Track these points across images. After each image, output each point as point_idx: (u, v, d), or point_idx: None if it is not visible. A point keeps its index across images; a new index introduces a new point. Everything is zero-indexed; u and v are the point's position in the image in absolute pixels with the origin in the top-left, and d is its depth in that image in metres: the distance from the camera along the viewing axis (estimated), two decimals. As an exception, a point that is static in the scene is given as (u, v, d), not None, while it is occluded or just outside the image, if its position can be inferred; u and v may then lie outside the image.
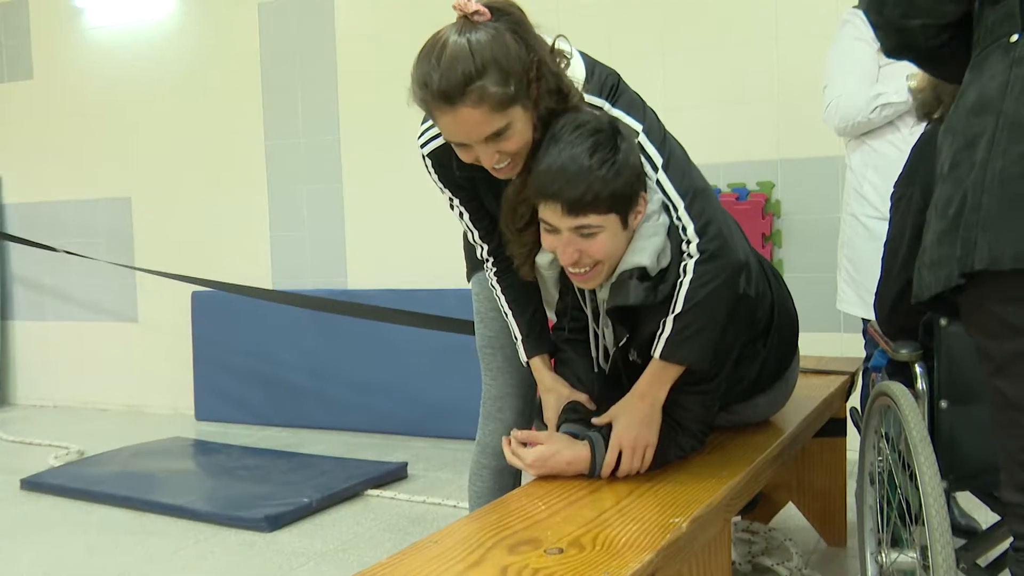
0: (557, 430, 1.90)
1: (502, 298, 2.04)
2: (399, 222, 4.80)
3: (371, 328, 4.63)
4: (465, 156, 1.76)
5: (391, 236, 4.85)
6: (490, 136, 1.67)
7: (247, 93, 5.13)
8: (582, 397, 1.93)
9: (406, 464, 3.96)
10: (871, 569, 2.12)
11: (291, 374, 4.97)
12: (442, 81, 1.63)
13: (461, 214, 2.02)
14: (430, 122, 1.90)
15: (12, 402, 5.97)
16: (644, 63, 4.12)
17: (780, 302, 2.09)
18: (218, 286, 4.50)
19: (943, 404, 1.81)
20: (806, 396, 2.68)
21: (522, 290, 2.00)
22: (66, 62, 5.64)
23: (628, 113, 1.79)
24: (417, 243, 4.73)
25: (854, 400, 3.06)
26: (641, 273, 1.74)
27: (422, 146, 1.96)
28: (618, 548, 1.48)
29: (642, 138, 1.77)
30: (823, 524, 3.03)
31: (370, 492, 3.70)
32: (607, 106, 1.79)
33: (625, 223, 1.70)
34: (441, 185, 1.99)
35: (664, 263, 1.75)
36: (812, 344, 3.81)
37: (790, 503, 3.06)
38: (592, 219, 1.65)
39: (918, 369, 1.87)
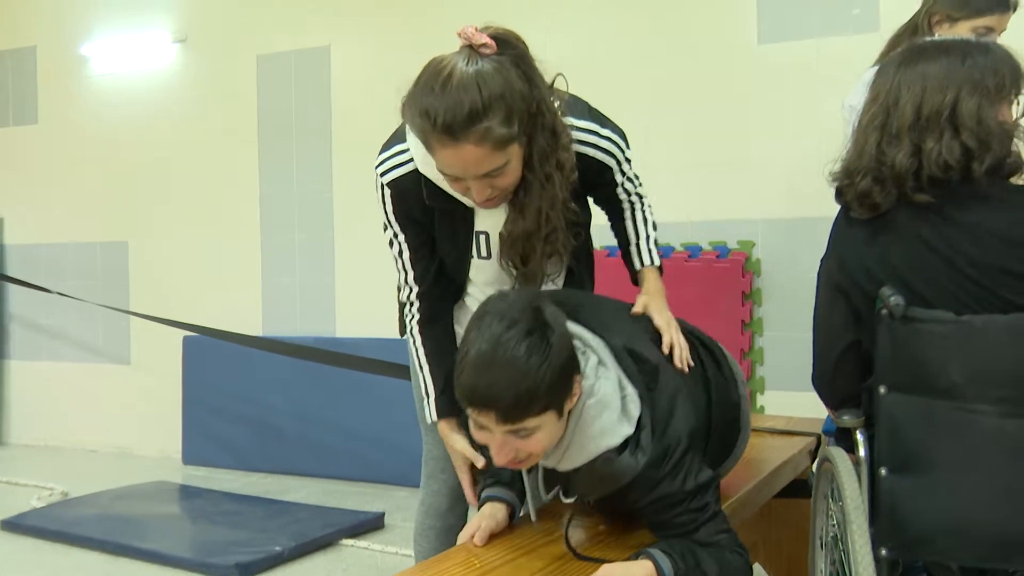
0: (478, 498, 1.89)
1: (420, 349, 1.99)
2: (388, 273, 4.85)
3: (359, 376, 4.67)
4: (456, 187, 1.75)
5: (379, 286, 4.88)
6: (488, 172, 1.67)
7: (243, 142, 5.23)
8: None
9: (383, 514, 3.97)
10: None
11: (278, 420, 5.00)
12: (447, 115, 1.61)
13: (401, 252, 1.98)
14: (395, 150, 1.88)
15: (5, 441, 6.01)
16: (629, 122, 4.17)
17: (718, 401, 1.95)
18: (207, 332, 4.56)
19: (883, 471, 1.82)
20: (768, 457, 2.70)
21: (443, 343, 1.99)
22: (70, 108, 5.76)
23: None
24: (405, 293, 4.78)
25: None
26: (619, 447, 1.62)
27: (382, 175, 1.91)
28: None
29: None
30: (789, 585, 3.02)
31: (345, 541, 3.71)
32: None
33: (561, 413, 1.57)
34: (392, 218, 1.95)
35: (635, 412, 1.65)
36: (785, 403, 3.84)
37: (757, 563, 3.06)
38: (528, 423, 1.52)
39: (859, 436, 1.90)
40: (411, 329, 2.03)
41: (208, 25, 5.34)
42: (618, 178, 2.10)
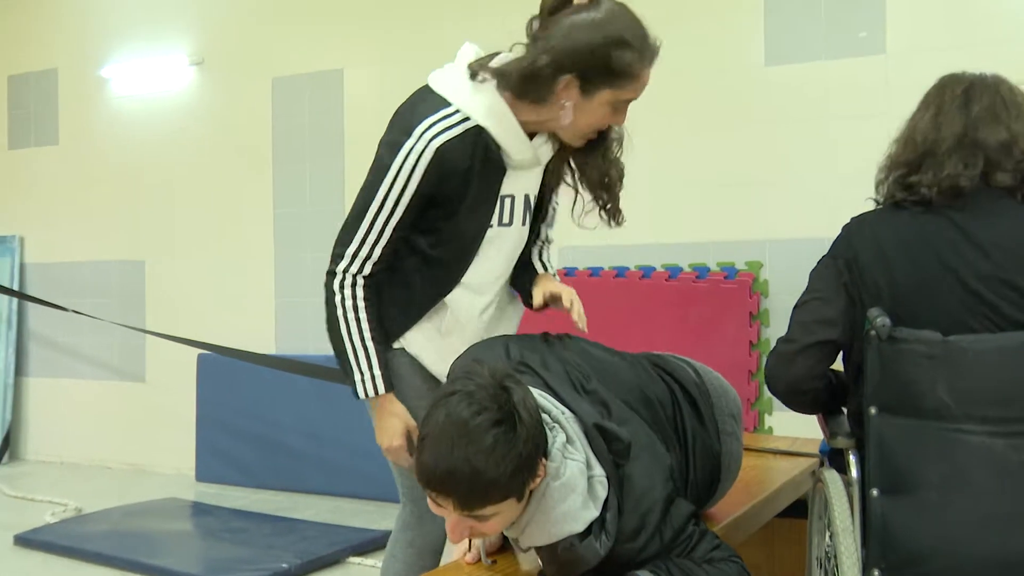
0: None
1: (364, 323, 1.97)
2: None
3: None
4: (618, 119, 1.99)
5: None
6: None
7: (258, 163, 5.30)
8: None
9: (390, 533, 3.97)
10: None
11: (290, 438, 5.03)
12: (655, 47, 1.97)
13: (384, 228, 1.95)
14: (443, 113, 1.93)
15: (22, 457, 6.08)
16: (635, 142, 4.21)
17: (698, 452, 1.91)
18: (220, 351, 4.61)
19: (874, 492, 1.82)
20: (769, 478, 2.71)
21: (382, 320, 2.01)
22: (90, 129, 5.85)
23: None
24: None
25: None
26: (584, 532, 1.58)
27: (433, 137, 1.91)
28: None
29: None
30: (793, 607, 3.02)
31: (352, 559, 3.73)
32: None
33: (522, 497, 1.53)
34: (410, 189, 1.92)
35: (602, 494, 1.60)
36: (794, 424, 3.82)
37: (761, 585, 3.06)
38: (488, 510, 1.49)
39: (851, 457, 1.90)
40: (354, 302, 2.00)
41: (224, 48, 5.43)
42: None
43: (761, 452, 3.14)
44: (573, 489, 1.56)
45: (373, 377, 2.03)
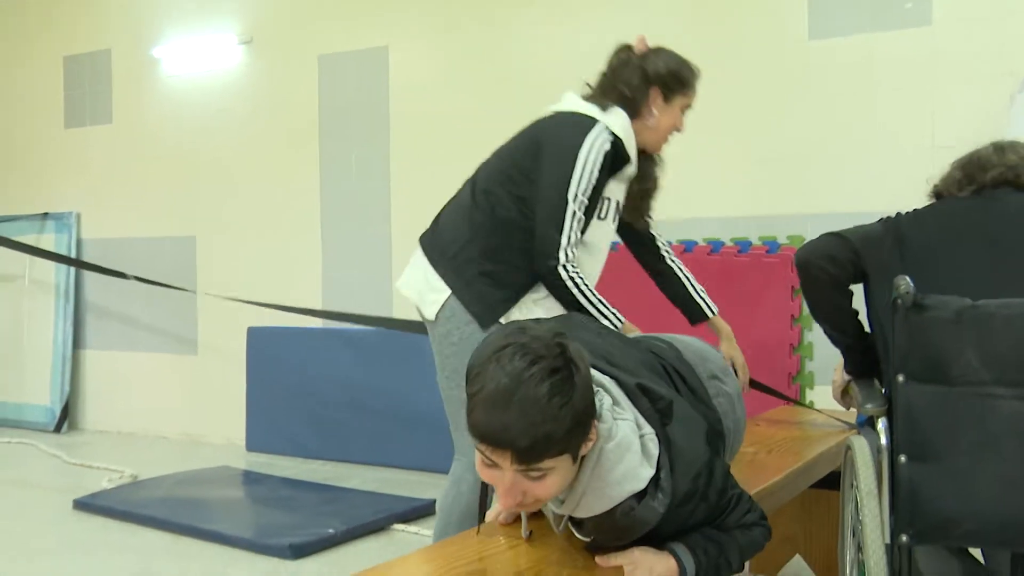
0: None
1: (591, 291, 2.46)
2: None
3: (415, 366, 4.79)
4: (681, 123, 2.62)
5: (434, 279, 5.01)
6: None
7: (305, 140, 5.39)
8: None
9: (434, 501, 4.05)
10: (845, 620, 2.15)
11: (337, 409, 5.14)
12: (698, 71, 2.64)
13: (578, 219, 2.41)
14: (599, 128, 2.46)
15: (80, 427, 6.28)
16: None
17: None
18: (271, 306, 4.80)
19: (902, 459, 1.84)
20: (806, 448, 2.73)
21: None
22: (143, 108, 5.99)
23: None
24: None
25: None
26: (639, 493, 1.58)
27: (606, 142, 2.44)
28: (559, 583, 1.57)
29: None
30: (829, 577, 3.04)
31: (396, 527, 3.82)
32: None
33: (575, 458, 1.51)
34: (594, 183, 2.42)
35: (655, 452, 1.60)
36: (831, 398, 3.84)
37: (797, 555, 3.09)
38: (545, 464, 1.46)
39: (880, 424, 1.92)
40: (581, 280, 2.43)
41: (272, 26, 5.52)
42: None
43: (799, 423, 3.17)
44: (628, 448, 1.56)
45: (618, 318, 2.45)
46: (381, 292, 5.21)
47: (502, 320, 2.46)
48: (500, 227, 2.49)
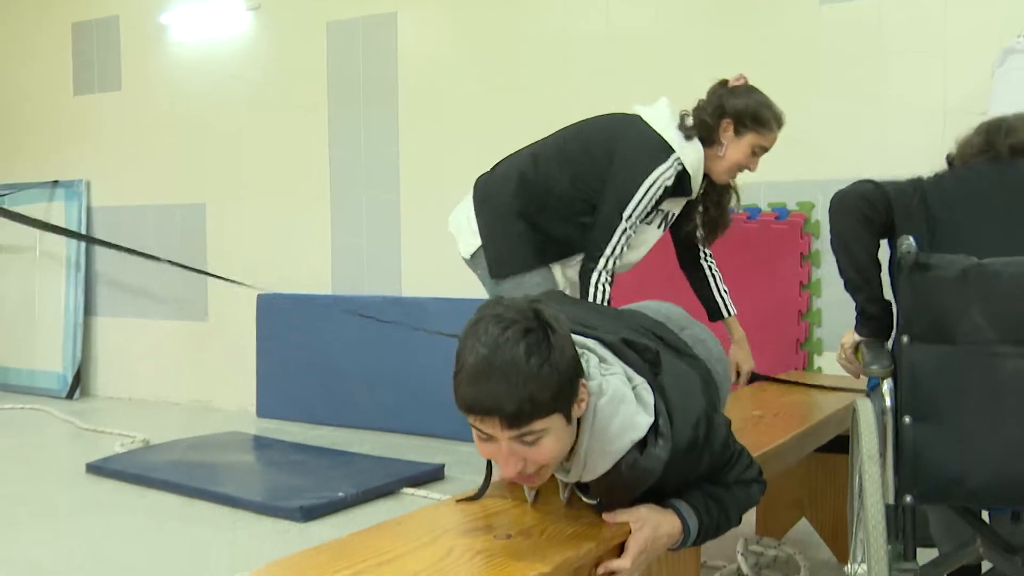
0: None
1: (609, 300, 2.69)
2: (449, 235, 4.96)
3: (424, 335, 4.81)
4: (753, 163, 2.81)
5: (442, 248, 5.00)
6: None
7: (314, 107, 5.38)
8: None
9: (443, 466, 4.10)
10: (849, 579, 2.17)
11: (345, 376, 5.17)
12: (783, 117, 2.81)
13: (625, 237, 2.68)
14: (670, 161, 2.68)
15: (92, 393, 6.33)
16: (691, 83, 4.19)
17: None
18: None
19: (906, 420, 1.85)
20: (812, 412, 2.74)
21: None
22: (151, 75, 5.98)
23: None
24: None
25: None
26: (640, 443, 1.59)
27: (669, 178, 2.68)
28: (563, 538, 1.59)
29: None
30: (834, 540, 3.06)
31: (406, 490, 3.85)
32: None
33: (569, 418, 1.52)
34: (646, 208, 2.68)
35: (649, 400, 1.62)
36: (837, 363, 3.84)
37: (804, 518, 3.11)
38: (536, 425, 1.46)
39: (885, 386, 1.93)
40: (604, 290, 2.69)
41: (280, -8, 5.50)
42: None
43: (806, 387, 3.18)
44: (622, 400, 1.57)
45: None
46: (390, 259, 5.22)
47: (511, 279, 2.68)
48: (548, 200, 2.73)
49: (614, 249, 2.68)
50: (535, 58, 4.74)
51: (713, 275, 3.06)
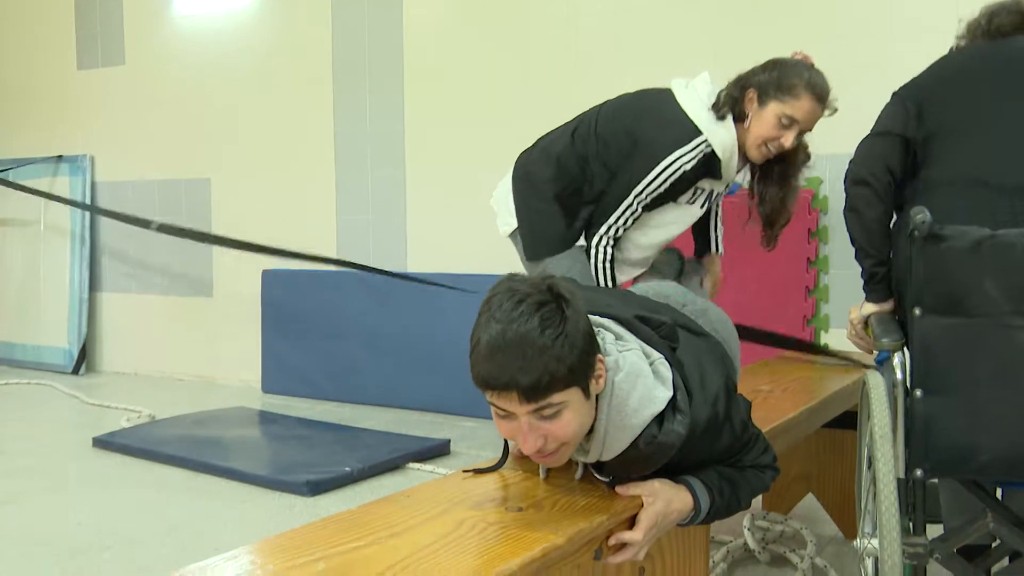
0: None
1: (609, 270, 2.68)
2: (458, 208, 4.96)
3: (429, 311, 4.81)
4: (785, 136, 2.60)
5: (450, 221, 5.01)
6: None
7: (319, 81, 5.35)
8: None
9: (449, 441, 4.10)
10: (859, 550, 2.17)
11: (350, 352, 5.17)
12: (823, 85, 2.61)
13: (634, 213, 2.64)
14: (694, 143, 2.58)
15: (98, 369, 6.34)
16: (695, 51, 4.17)
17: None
18: (286, 255, 4.80)
19: (918, 393, 1.84)
20: (820, 387, 2.73)
21: None
22: (155, 49, 5.95)
23: None
24: (475, 229, 4.86)
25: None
26: (658, 417, 1.58)
27: (688, 160, 2.58)
28: (575, 510, 1.58)
29: None
30: (841, 516, 3.07)
31: (411, 465, 3.85)
32: None
33: (588, 393, 1.50)
34: (662, 190, 2.61)
35: (667, 375, 1.60)
36: (845, 341, 3.83)
37: (811, 493, 3.11)
38: (554, 398, 1.45)
39: (896, 359, 1.92)
40: (605, 257, 2.68)
41: (285, -35, 5.45)
42: None
43: (814, 364, 3.17)
44: (640, 374, 1.56)
45: None
46: (395, 235, 5.21)
47: (544, 261, 2.74)
48: (582, 185, 2.71)
49: (617, 220, 2.65)
50: (542, 33, 4.70)
51: (716, 222, 3.02)
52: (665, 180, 2.60)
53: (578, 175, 2.72)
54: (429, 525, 1.50)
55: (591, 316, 1.59)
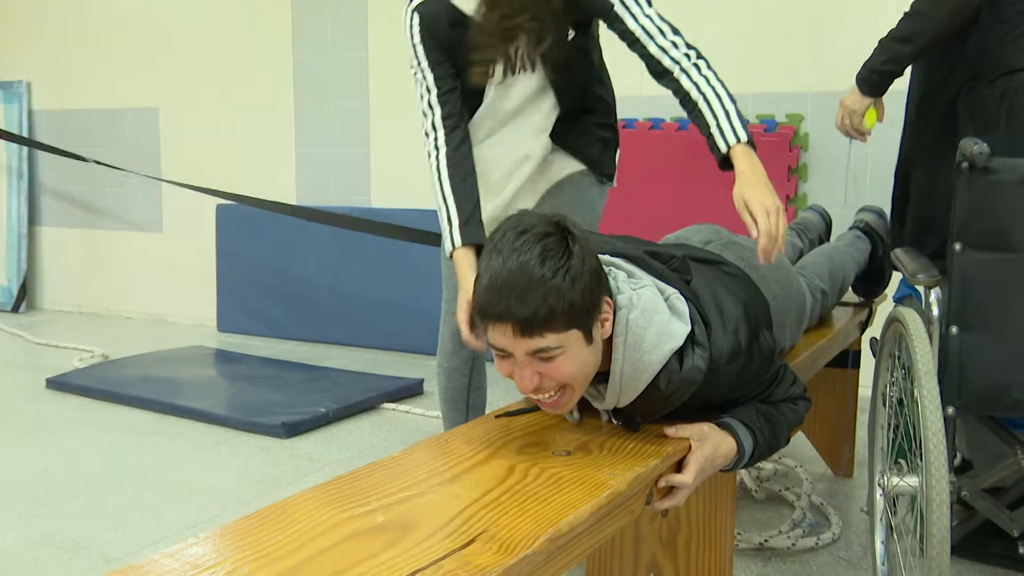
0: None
1: (445, 179, 2.06)
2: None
3: (393, 248, 4.68)
4: None
5: (415, 156, 4.84)
6: None
7: (277, 7, 5.10)
8: None
9: (422, 381, 4.02)
10: (877, 491, 2.15)
11: (312, 290, 5.02)
12: None
13: (428, 89, 2.11)
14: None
15: (38, 306, 6.08)
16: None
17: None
18: (238, 199, 4.55)
19: (953, 330, 1.81)
20: (825, 328, 2.70)
21: (468, 172, 2.07)
22: (96, -31, 5.62)
23: None
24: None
25: (876, 333, 3.07)
26: (678, 353, 1.53)
27: (410, 1, 2.10)
28: (625, 454, 1.51)
29: None
30: (831, 455, 3.07)
31: (386, 406, 3.76)
32: None
33: (590, 337, 1.43)
34: (423, 51, 2.10)
35: (684, 309, 1.55)
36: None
37: (800, 431, 3.10)
38: (549, 339, 1.39)
39: (932, 296, 1.88)
40: (436, 163, 2.09)
41: None
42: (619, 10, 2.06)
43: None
44: (655, 310, 1.51)
45: (451, 232, 2.09)
46: (358, 168, 5.03)
47: None
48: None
49: (424, 121, 2.15)
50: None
51: (700, 92, 1.98)
52: (410, 52, 2.16)
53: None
54: (478, 471, 1.41)
55: (602, 256, 1.53)
